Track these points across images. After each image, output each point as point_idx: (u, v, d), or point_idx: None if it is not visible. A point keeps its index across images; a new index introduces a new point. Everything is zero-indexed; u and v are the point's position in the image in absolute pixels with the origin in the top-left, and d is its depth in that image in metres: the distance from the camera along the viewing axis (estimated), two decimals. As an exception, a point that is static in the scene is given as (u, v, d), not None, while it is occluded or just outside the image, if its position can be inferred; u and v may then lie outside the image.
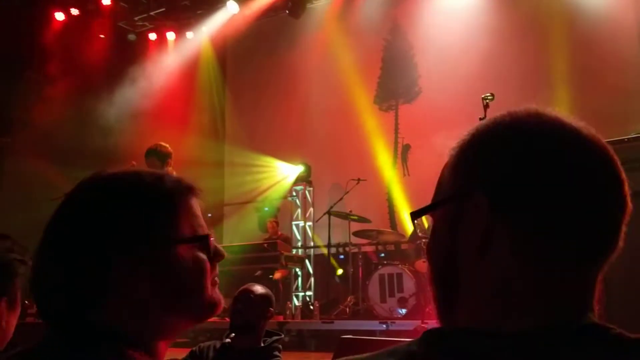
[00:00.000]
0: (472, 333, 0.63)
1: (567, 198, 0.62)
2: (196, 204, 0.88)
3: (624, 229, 0.65)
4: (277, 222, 8.29)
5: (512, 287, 0.63)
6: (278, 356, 2.71)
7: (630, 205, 0.65)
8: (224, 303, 0.91)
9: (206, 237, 0.86)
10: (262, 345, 2.68)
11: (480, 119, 2.99)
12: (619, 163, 0.65)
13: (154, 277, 0.80)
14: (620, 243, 0.65)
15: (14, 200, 7.85)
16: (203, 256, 0.85)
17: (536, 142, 0.65)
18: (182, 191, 0.87)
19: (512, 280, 0.63)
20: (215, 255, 0.87)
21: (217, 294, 0.87)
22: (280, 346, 2.75)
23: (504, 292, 0.64)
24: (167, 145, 4.96)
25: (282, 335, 2.87)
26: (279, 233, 8.13)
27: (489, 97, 3.88)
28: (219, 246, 0.88)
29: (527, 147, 0.65)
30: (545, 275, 0.63)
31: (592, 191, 0.63)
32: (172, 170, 4.89)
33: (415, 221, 0.75)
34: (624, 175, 0.65)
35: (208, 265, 0.85)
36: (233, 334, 2.72)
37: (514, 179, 0.64)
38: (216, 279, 0.88)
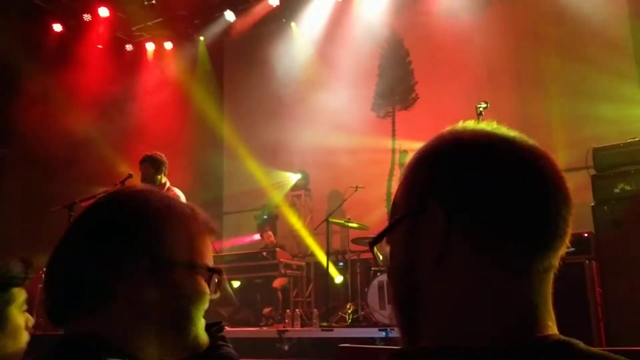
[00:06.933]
0: (435, 352, 0.64)
1: (514, 202, 0.66)
2: (210, 244, 0.92)
3: (568, 224, 0.68)
4: (272, 232, 8.28)
5: (469, 300, 0.65)
6: (225, 345, 2.67)
7: (571, 201, 0.69)
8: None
9: (220, 271, 0.89)
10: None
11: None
12: (555, 167, 0.70)
13: (160, 296, 0.82)
14: (566, 240, 0.68)
15: (12, 211, 7.84)
16: (206, 289, 0.87)
17: (475, 154, 0.69)
18: (207, 228, 0.91)
19: (469, 292, 0.66)
20: (216, 291, 0.89)
21: (205, 335, 0.89)
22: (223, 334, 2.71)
23: (462, 306, 0.66)
24: (162, 155, 5.00)
25: (222, 323, 2.83)
26: (275, 241, 8.12)
27: (482, 106, 3.89)
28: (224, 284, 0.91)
29: (470, 159, 0.69)
30: (500, 284, 0.65)
31: (532, 195, 0.67)
32: (166, 180, 4.90)
33: (375, 250, 0.77)
34: (559, 176, 0.69)
35: (208, 298, 0.87)
36: None
37: (465, 189, 0.68)
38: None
